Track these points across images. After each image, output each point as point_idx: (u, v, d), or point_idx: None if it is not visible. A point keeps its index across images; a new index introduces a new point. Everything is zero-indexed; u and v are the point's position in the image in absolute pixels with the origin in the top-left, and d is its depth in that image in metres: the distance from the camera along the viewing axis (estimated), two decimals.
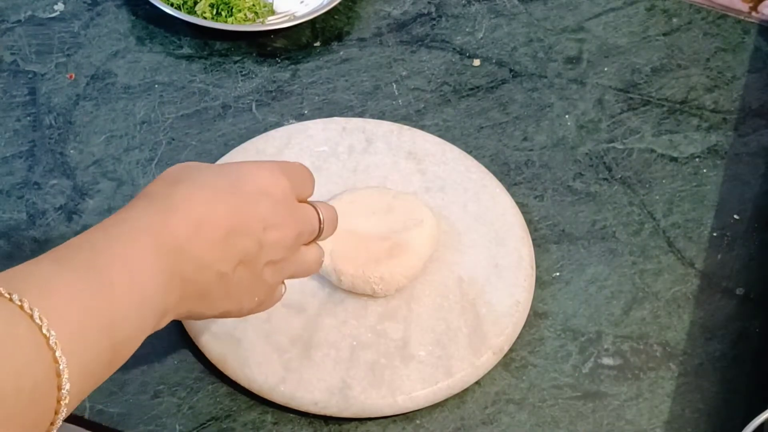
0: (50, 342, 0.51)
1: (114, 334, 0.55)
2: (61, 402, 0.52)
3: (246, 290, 0.66)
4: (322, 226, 0.70)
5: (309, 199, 0.71)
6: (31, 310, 0.51)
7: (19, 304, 0.51)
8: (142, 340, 0.59)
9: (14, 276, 0.54)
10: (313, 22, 1.01)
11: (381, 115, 0.94)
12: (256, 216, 0.64)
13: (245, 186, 0.64)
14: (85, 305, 0.54)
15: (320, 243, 0.72)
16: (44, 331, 0.51)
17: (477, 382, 0.78)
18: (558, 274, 0.85)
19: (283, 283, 0.70)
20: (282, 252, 0.66)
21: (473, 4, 1.04)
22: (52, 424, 0.52)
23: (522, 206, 0.88)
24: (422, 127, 0.93)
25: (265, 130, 0.91)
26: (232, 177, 0.64)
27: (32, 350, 0.51)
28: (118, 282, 0.56)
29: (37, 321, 0.51)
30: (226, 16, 0.99)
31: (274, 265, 0.66)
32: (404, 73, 0.98)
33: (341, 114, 0.94)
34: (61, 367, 0.51)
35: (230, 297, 0.65)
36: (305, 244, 0.70)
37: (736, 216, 0.90)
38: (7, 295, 0.51)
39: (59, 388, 0.51)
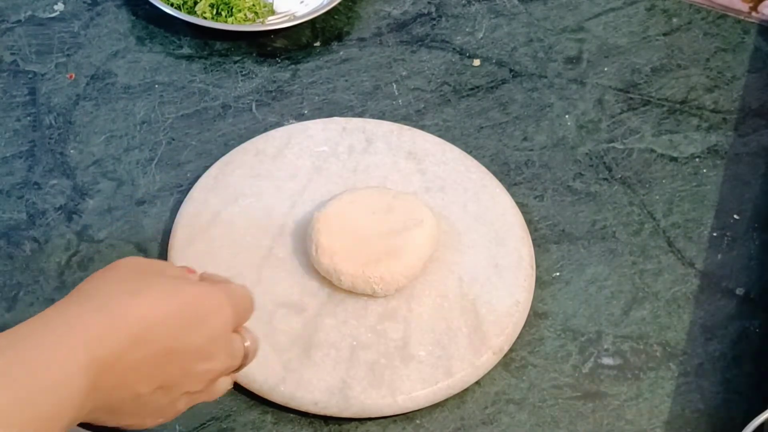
0: None
1: None
2: None
3: (156, 411, 0.63)
4: (245, 362, 0.67)
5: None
6: None
7: None
8: None
9: None
10: (313, 22, 1.01)
11: (381, 115, 0.94)
12: (192, 346, 0.61)
13: (191, 309, 0.62)
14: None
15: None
16: None
17: (477, 382, 0.78)
18: (558, 274, 0.85)
19: None
20: (203, 384, 0.64)
21: (473, 4, 1.04)
22: None
23: (522, 206, 0.88)
24: (422, 127, 0.93)
25: (265, 130, 0.91)
26: (180, 296, 0.62)
27: None
28: (38, 387, 0.54)
29: None
30: (226, 16, 0.99)
31: (191, 394, 0.64)
32: (404, 73, 0.98)
33: (341, 114, 0.94)
34: None
35: (138, 414, 0.62)
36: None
37: (736, 216, 0.90)
38: None
39: None
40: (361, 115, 0.94)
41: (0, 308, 0.79)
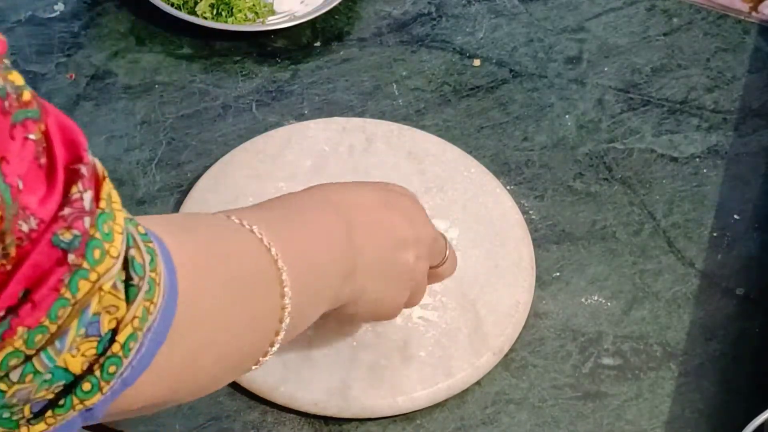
0: (282, 276, 0.59)
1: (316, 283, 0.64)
2: (279, 335, 0.60)
3: (397, 279, 0.71)
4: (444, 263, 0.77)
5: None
6: (270, 246, 0.60)
7: (261, 238, 0.60)
8: (325, 303, 0.66)
9: (246, 216, 0.62)
10: (313, 22, 1.01)
11: (381, 115, 0.94)
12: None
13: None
14: (298, 249, 0.62)
15: None
16: (279, 265, 0.60)
17: (477, 382, 0.78)
18: (558, 274, 0.85)
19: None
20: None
21: (473, 4, 1.04)
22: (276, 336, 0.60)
23: (522, 206, 0.88)
24: (422, 127, 0.93)
25: (265, 130, 0.91)
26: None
27: (276, 283, 0.59)
28: (317, 238, 0.66)
29: (276, 258, 0.60)
30: (226, 17, 0.99)
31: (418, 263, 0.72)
32: (404, 73, 0.98)
33: (341, 114, 0.94)
34: (285, 301, 0.60)
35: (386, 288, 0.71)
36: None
37: (736, 216, 0.90)
38: (257, 233, 0.60)
39: (281, 321, 0.60)
40: (361, 115, 0.94)
41: None
